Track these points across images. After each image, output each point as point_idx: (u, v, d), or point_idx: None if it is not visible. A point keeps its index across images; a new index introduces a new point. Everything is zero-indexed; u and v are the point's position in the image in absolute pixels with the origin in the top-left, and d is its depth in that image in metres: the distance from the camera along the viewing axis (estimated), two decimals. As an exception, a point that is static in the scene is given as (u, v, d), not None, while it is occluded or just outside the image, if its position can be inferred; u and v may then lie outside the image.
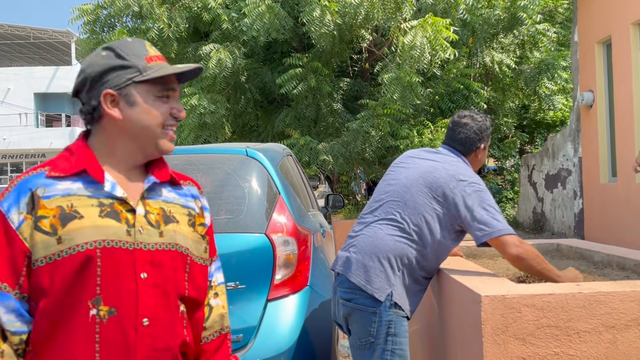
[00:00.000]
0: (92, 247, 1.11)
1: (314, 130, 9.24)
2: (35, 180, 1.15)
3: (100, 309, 1.11)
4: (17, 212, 1.12)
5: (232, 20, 8.01)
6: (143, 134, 1.20)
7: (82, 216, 1.13)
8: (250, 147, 2.73)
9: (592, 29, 7.63)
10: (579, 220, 8.16)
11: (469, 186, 2.03)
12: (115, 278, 1.12)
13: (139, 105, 1.19)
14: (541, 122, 14.18)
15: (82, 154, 1.19)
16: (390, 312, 2.02)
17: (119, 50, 1.20)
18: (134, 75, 1.18)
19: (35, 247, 1.11)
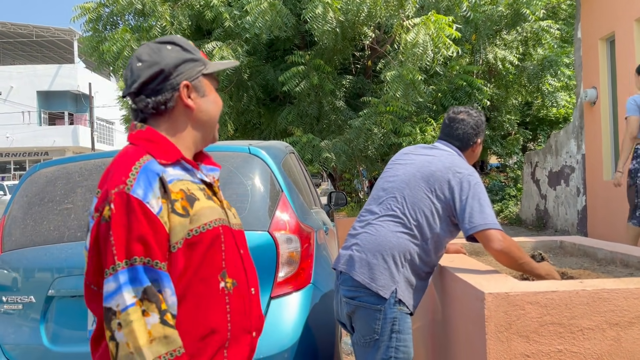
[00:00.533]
0: (217, 225, 1.23)
1: (316, 127, 9.25)
2: (154, 166, 1.18)
3: (226, 281, 1.24)
4: (154, 197, 1.14)
5: (234, 18, 8.01)
6: (210, 123, 1.30)
7: (199, 198, 1.21)
8: (253, 144, 2.73)
9: (596, 25, 7.60)
10: (582, 217, 8.14)
11: (464, 178, 2.06)
12: (231, 253, 1.26)
13: (208, 96, 1.29)
14: (544, 119, 14.15)
15: (168, 143, 1.23)
16: (395, 309, 2.02)
17: (184, 45, 1.27)
18: (202, 68, 1.27)
19: (174, 230, 1.15)
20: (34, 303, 2.40)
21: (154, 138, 1.24)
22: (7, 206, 2.71)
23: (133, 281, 1.09)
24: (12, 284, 2.47)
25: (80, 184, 2.60)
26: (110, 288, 1.09)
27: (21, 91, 31.05)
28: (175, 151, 1.23)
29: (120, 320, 1.07)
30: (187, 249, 1.17)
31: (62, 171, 2.68)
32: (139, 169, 1.15)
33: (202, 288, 1.19)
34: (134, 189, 1.13)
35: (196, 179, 1.26)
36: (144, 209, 1.12)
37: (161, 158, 1.20)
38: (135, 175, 1.14)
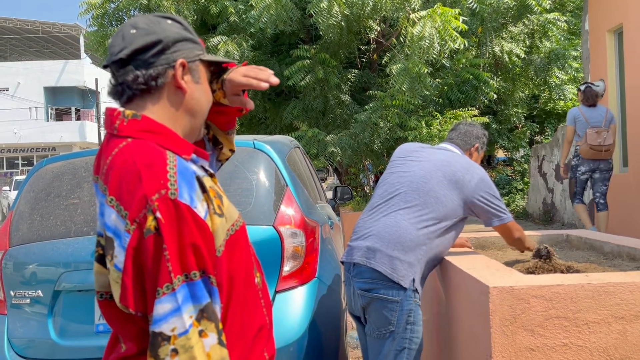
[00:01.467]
0: (242, 222, 1.16)
1: (322, 122, 9.23)
2: (187, 165, 1.05)
3: (257, 275, 1.19)
4: (199, 200, 1.01)
5: (240, 12, 8.00)
6: (199, 114, 1.15)
7: (222, 194, 1.13)
8: (258, 139, 2.73)
9: (603, 17, 7.53)
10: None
11: (482, 180, 2.25)
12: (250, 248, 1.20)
13: (202, 83, 1.14)
14: (551, 112, 14.06)
15: (176, 135, 1.08)
16: (411, 301, 2.09)
17: (184, 24, 1.14)
18: (201, 53, 1.14)
19: (217, 232, 1.04)
20: (41, 297, 2.43)
21: (158, 129, 1.06)
22: (14, 201, 2.73)
23: (192, 298, 0.96)
24: (20, 278, 2.49)
25: (87, 179, 2.61)
26: (164, 309, 0.94)
27: (28, 87, 31.21)
28: (187, 143, 1.09)
29: (175, 347, 0.93)
30: (228, 250, 1.08)
31: (69, 166, 2.70)
32: (175, 168, 1.00)
33: (244, 288, 1.13)
34: (180, 193, 0.98)
35: (205, 172, 1.12)
36: (194, 215, 0.98)
37: (183, 153, 1.06)
38: (175, 178, 0.99)
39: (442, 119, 8.22)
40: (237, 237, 1.11)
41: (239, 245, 1.12)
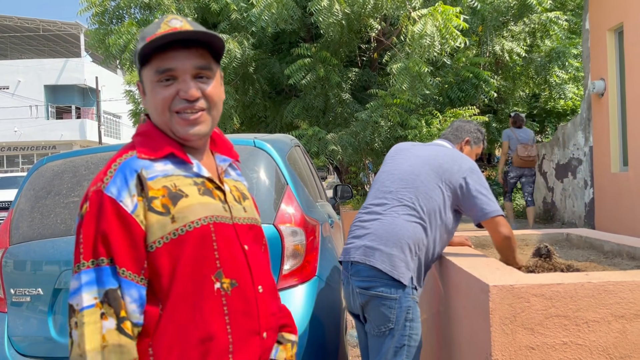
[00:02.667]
0: (206, 223, 1.13)
1: (322, 120, 9.22)
2: (134, 162, 1.12)
3: (223, 281, 1.15)
4: (129, 195, 1.08)
5: (241, 9, 7.99)
6: (158, 122, 1.18)
7: (187, 195, 1.13)
8: (258, 137, 2.73)
9: (604, 16, 7.52)
10: (590, 210, 8.10)
11: (469, 170, 2.22)
12: (228, 251, 1.16)
13: (147, 92, 1.17)
14: (552, 111, 14.04)
15: (160, 137, 1.17)
16: (409, 298, 2.10)
17: (139, 37, 1.17)
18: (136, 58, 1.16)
19: (152, 229, 1.09)
20: (41, 295, 2.43)
21: (148, 131, 1.18)
22: (14, 199, 2.73)
23: (98, 282, 1.05)
24: (20, 276, 2.49)
25: (87, 177, 2.61)
26: (74, 285, 1.06)
27: (29, 85, 31.21)
28: (165, 145, 1.16)
29: (76, 320, 1.04)
30: (172, 249, 1.10)
31: (69, 164, 2.70)
32: (119, 165, 1.11)
33: (194, 290, 1.11)
34: (108, 187, 1.09)
35: (191, 172, 1.17)
36: (117, 207, 1.07)
37: (148, 153, 1.14)
38: (113, 173, 1.10)
39: (442, 118, 8.22)
40: (188, 238, 1.10)
41: (190, 246, 1.11)
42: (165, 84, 1.13)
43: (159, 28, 1.12)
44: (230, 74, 8.18)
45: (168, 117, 1.15)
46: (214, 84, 1.17)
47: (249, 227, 1.23)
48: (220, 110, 1.21)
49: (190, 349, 1.11)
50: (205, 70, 1.15)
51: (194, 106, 1.14)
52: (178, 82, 1.13)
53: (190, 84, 1.13)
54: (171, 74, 1.13)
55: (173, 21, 1.14)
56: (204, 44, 1.15)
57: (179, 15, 1.17)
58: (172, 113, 1.14)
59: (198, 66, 1.14)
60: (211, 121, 1.19)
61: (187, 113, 1.14)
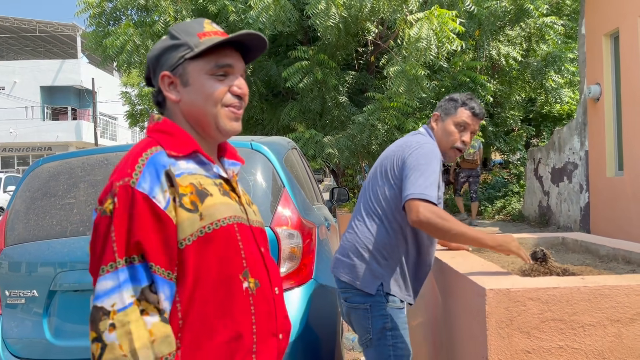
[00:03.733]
0: (231, 222, 1.14)
1: (319, 123, 9.24)
2: (162, 158, 1.11)
3: (249, 281, 1.15)
4: (161, 191, 1.07)
5: (239, 12, 7.99)
6: (201, 114, 1.17)
7: (212, 194, 1.14)
8: (255, 140, 2.73)
9: (600, 21, 7.56)
10: (585, 214, 8.13)
11: (413, 152, 1.99)
12: (251, 252, 1.18)
13: (192, 84, 1.17)
14: (548, 115, 14.10)
15: (183, 135, 1.17)
16: (383, 307, 2.01)
17: (174, 32, 1.19)
18: (185, 53, 1.16)
19: (182, 226, 1.09)
20: (36, 297, 2.42)
21: (169, 129, 1.17)
22: (10, 201, 2.72)
23: (132, 280, 1.03)
24: (15, 278, 2.48)
25: (83, 179, 2.61)
26: (106, 286, 1.02)
27: (24, 86, 31.12)
28: (189, 143, 1.16)
29: (114, 322, 1.00)
30: (199, 246, 1.10)
31: (65, 166, 2.69)
32: (146, 161, 1.09)
33: (224, 289, 1.12)
34: (140, 182, 1.06)
35: (211, 173, 1.18)
36: (151, 204, 1.06)
37: (172, 150, 1.13)
38: (142, 168, 1.08)
39: (439, 121, 8.23)
40: (216, 236, 1.11)
41: (218, 245, 1.11)
42: (220, 79, 1.17)
43: (204, 27, 1.19)
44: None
45: (218, 109, 1.16)
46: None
47: (260, 230, 1.26)
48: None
49: (218, 347, 1.10)
50: (244, 72, 1.23)
51: (240, 103, 1.20)
52: (229, 79, 1.18)
53: (244, 82, 1.20)
54: (228, 70, 1.17)
55: (213, 24, 1.22)
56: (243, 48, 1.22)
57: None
58: (222, 106, 1.17)
59: (243, 68, 1.22)
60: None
61: (235, 108, 1.18)
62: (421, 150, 1.99)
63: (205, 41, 1.15)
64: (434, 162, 1.97)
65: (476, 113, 2.17)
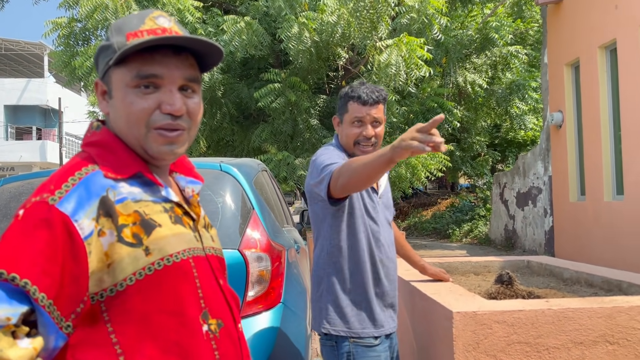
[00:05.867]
0: (186, 257, 0.96)
1: (290, 145, 9.26)
2: (99, 180, 0.92)
3: (210, 322, 0.99)
4: (87, 217, 0.87)
5: (210, 35, 8.03)
6: (123, 134, 0.98)
7: (160, 224, 0.95)
8: (225, 161, 2.71)
9: (561, 51, 7.88)
10: (550, 237, 8.32)
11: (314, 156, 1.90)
12: (209, 288, 1.00)
13: (114, 97, 0.97)
14: (513, 141, 14.52)
15: (124, 151, 0.97)
16: (346, 342, 1.82)
17: (110, 29, 0.99)
18: (109, 58, 0.95)
19: (122, 264, 0.89)
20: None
21: (108, 143, 0.97)
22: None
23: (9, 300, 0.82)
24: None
25: (45, 200, 2.53)
26: None
27: (-13, 104, 30.30)
28: (132, 162, 0.97)
29: None
30: (146, 287, 0.91)
31: (27, 186, 2.61)
32: (78, 181, 0.90)
33: (180, 335, 0.94)
34: (62, 201, 0.87)
35: (160, 197, 0.99)
36: (69, 228, 0.86)
37: (111, 171, 0.94)
38: (70, 188, 0.89)
39: (408, 146, 8.36)
40: (166, 275, 0.93)
41: (169, 285, 0.94)
42: (145, 92, 0.95)
43: (143, 23, 0.96)
44: (198, 97, 8.18)
45: (143, 132, 0.96)
46: (198, 101, 1.01)
47: (218, 259, 1.08)
48: (197, 130, 1.05)
49: None
50: (193, 83, 0.99)
51: (177, 123, 0.97)
52: (161, 92, 0.95)
53: (177, 96, 0.96)
54: (155, 81, 0.95)
55: (161, 19, 0.97)
56: (195, 53, 0.99)
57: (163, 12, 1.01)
58: (150, 129, 0.95)
59: (188, 77, 0.98)
60: (188, 142, 1.02)
61: (168, 130, 0.96)
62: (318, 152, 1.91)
63: (132, 42, 0.92)
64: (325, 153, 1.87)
65: (364, 100, 1.90)
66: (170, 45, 0.95)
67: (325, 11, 7.27)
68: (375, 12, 7.17)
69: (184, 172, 1.10)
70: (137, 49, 0.92)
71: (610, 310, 1.73)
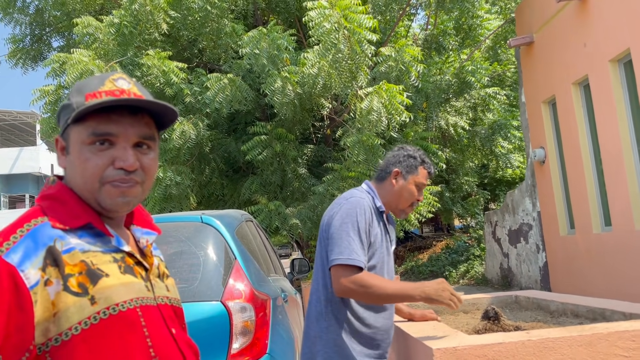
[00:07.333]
0: (132, 307, 0.98)
1: (280, 195, 9.31)
2: (47, 231, 0.95)
3: None
4: (33, 267, 0.90)
5: (195, 94, 8.22)
6: (80, 187, 1.01)
7: (108, 274, 0.97)
8: (206, 213, 2.74)
9: (537, 90, 8.12)
10: (545, 273, 8.28)
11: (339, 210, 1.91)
12: (159, 337, 1.01)
13: (71, 153, 1.02)
14: (501, 180, 14.67)
15: (76, 204, 1.01)
16: None
17: (72, 89, 1.05)
18: (68, 117, 1.01)
19: (67, 312, 0.90)
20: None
21: (61, 196, 1.01)
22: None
23: None
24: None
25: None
26: None
27: (-19, 175, 30.38)
28: (82, 213, 1.00)
29: None
30: (92, 336, 0.92)
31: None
32: (26, 232, 0.93)
33: None
34: (9, 253, 0.90)
35: (110, 247, 1.01)
36: (15, 278, 0.88)
37: (60, 222, 0.97)
38: (17, 239, 0.92)
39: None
40: (112, 325, 0.94)
41: (115, 335, 0.94)
42: (99, 148, 1.00)
43: (103, 85, 1.02)
44: (186, 154, 8.27)
45: (97, 187, 1.00)
46: (153, 156, 1.06)
47: (172, 309, 1.09)
48: (152, 183, 1.10)
49: None
50: (148, 141, 1.04)
51: (130, 177, 1.01)
52: (115, 148, 1.00)
53: (130, 152, 1.01)
54: (110, 139, 1.00)
55: (120, 81, 1.03)
56: (151, 112, 1.05)
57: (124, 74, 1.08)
58: (103, 183, 1.00)
59: (142, 135, 1.03)
60: (142, 195, 1.06)
61: (121, 183, 1.01)
62: (345, 206, 1.91)
63: (89, 103, 0.98)
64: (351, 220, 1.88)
65: (431, 174, 2.11)
66: (127, 105, 1.01)
67: (306, 64, 7.50)
68: (353, 63, 7.41)
69: (141, 224, 1.14)
70: (93, 109, 0.98)
71: (590, 338, 1.73)
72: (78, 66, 7.63)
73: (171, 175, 7.83)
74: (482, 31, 10.98)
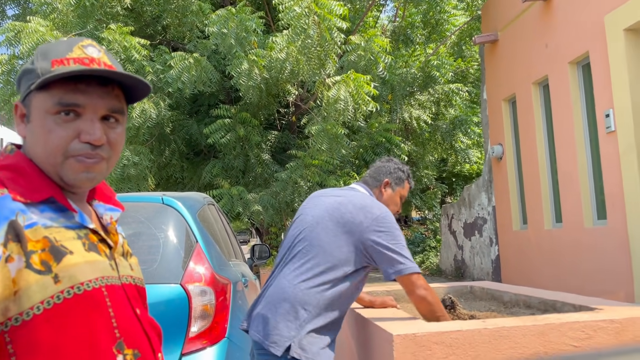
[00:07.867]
0: (97, 286, 0.94)
1: (242, 181, 9.23)
2: (7, 203, 0.88)
3: (125, 353, 0.96)
4: None
5: (157, 72, 8.01)
6: (39, 161, 0.96)
7: (72, 251, 0.92)
8: (167, 195, 2.68)
9: (499, 87, 8.32)
10: (496, 266, 8.55)
11: (378, 220, 1.97)
12: (124, 317, 0.98)
13: (32, 122, 0.95)
14: (459, 174, 15.02)
15: (37, 176, 0.95)
16: None
17: (35, 53, 0.98)
18: (31, 83, 0.95)
19: (29, 291, 0.86)
20: None
21: (20, 167, 0.95)
22: None
23: None
24: None
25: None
26: None
27: None
28: (44, 186, 0.95)
29: None
30: (55, 316, 0.88)
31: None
32: None
33: None
34: None
35: (74, 223, 0.97)
36: None
37: (21, 194, 0.91)
38: None
39: (358, 179, 8.52)
40: (77, 304, 0.91)
41: (79, 314, 0.91)
42: (65, 119, 0.93)
43: (71, 51, 0.95)
44: (145, 134, 8.07)
45: (60, 160, 0.95)
46: (120, 131, 1.00)
47: (136, 288, 1.06)
48: (117, 160, 1.04)
49: None
50: (117, 114, 0.99)
51: (96, 153, 0.96)
52: (82, 120, 0.94)
53: (98, 126, 0.95)
54: (76, 110, 0.94)
55: (90, 48, 0.97)
56: (122, 85, 1.00)
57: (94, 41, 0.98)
58: (67, 157, 0.94)
59: (111, 108, 0.97)
60: (107, 170, 1.01)
61: (86, 158, 0.95)
62: (388, 220, 1.99)
63: (57, 70, 0.92)
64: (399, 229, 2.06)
65: (412, 188, 2.40)
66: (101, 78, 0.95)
67: (275, 48, 7.42)
68: (322, 50, 7.38)
69: (104, 200, 1.09)
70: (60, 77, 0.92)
71: (542, 328, 1.80)
72: (34, 36, 7.30)
73: (129, 155, 7.63)
74: (448, 26, 11.15)
